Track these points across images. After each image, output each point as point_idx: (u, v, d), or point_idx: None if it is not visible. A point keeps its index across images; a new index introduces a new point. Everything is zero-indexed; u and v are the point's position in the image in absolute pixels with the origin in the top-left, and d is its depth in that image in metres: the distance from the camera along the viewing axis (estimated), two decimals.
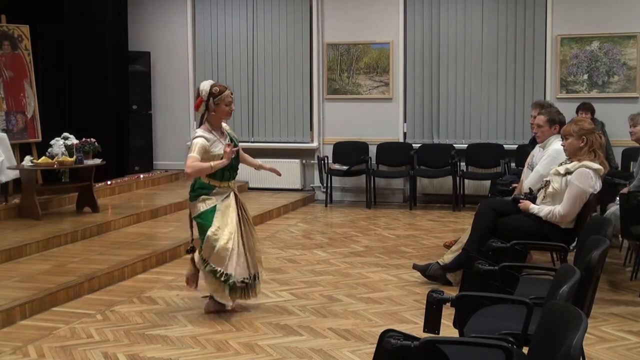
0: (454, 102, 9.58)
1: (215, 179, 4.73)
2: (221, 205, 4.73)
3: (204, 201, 4.71)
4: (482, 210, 5.33)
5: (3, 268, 5.78)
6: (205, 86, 4.75)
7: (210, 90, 4.71)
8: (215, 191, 4.74)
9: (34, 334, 4.50)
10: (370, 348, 3.89)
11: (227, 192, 4.79)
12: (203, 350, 4.23)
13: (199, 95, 4.74)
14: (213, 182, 4.73)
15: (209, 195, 4.72)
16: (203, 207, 4.71)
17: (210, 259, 4.68)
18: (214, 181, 4.73)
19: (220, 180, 4.75)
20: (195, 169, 4.57)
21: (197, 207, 4.73)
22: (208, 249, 4.68)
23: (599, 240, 3.30)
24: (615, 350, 4.15)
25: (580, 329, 2.11)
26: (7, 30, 8.13)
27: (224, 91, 4.74)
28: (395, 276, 5.88)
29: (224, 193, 4.77)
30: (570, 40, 9.09)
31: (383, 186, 9.86)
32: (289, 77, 10.17)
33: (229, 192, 4.81)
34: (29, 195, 7.30)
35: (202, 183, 4.74)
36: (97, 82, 9.48)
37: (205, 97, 4.70)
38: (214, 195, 4.74)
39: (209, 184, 4.73)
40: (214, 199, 4.72)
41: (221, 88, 4.75)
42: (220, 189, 4.76)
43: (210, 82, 4.78)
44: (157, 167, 10.60)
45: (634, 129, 6.21)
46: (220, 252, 4.66)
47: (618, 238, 6.25)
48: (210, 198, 4.72)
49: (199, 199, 4.73)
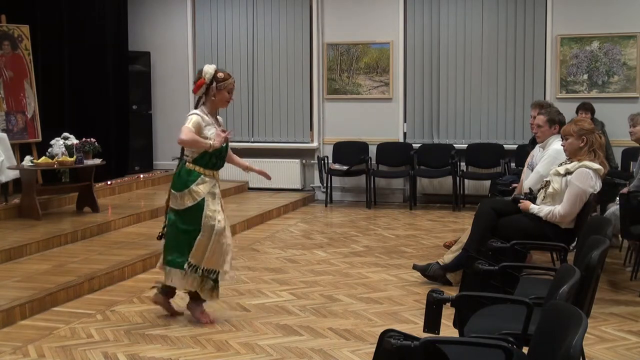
0: (454, 102, 9.58)
1: (202, 166, 4.57)
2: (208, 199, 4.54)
3: (191, 194, 4.53)
4: (482, 210, 5.33)
5: (3, 268, 5.78)
6: (209, 69, 4.62)
7: (214, 74, 4.59)
8: (201, 179, 4.55)
9: (34, 334, 4.49)
10: (370, 348, 3.88)
11: (212, 182, 4.62)
12: (203, 350, 4.23)
13: (201, 77, 4.61)
14: (199, 169, 4.56)
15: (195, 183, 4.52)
16: (190, 202, 4.53)
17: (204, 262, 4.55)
18: (200, 168, 4.56)
19: (209, 168, 4.59)
20: (193, 138, 4.43)
21: (184, 200, 4.54)
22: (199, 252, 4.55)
23: (599, 240, 3.30)
24: (615, 350, 4.15)
25: (580, 329, 2.11)
26: (7, 30, 8.13)
27: (228, 78, 4.64)
28: (395, 276, 5.88)
29: (209, 182, 4.59)
30: (570, 40, 9.09)
31: (383, 186, 9.86)
32: (289, 77, 10.17)
33: (214, 183, 4.64)
34: (29, 195, 7.29)
35: (188, 170, 4.57)
36: (97, 82, 9.48)
37: (208, 80, 4.58)
38: (200, 184, 4.54)
39: (195, 170, 4.56)
40: (200, 191, 4.53)
41: (225, 75, 4.64)
42: (206, 177, 4.57)
43: (214, 66, 4.66)
44: (157, 167, 10.59)
45: (634, 129, 6.21)
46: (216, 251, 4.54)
47: (618, 238, 6.26)
48: (197, 191, 4.52)
49: (185, 190, 4.54)
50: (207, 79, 4.59)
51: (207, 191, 4.57)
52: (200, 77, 4.63)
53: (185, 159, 4.64)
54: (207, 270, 4.60)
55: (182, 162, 4.65)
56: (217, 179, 4.68)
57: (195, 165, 4.58)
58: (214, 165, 4.64)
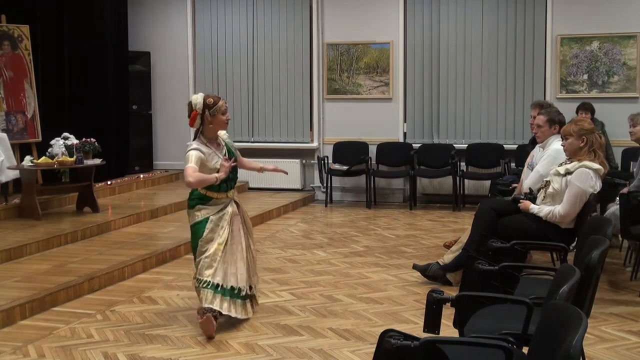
0: (454, 102, 9.58)
1: (212, 190, 4.61)
2: (215, 217, 4.60)
3: (199, 210, 4.60)
4: (482, 210, 5.33)
5: (3, 268, 5.78)
6: (198, 99, 4.62)
7: (204, 102, 4.59)
8: (212, 202, 4.62)
9: (34, 334, 4.50)
10: (370, 348, 3.89)
11: (224, 203, 4.66)
12: (203, 350, 4.23)
13: (193, 109, 4.60)
14: (210, 193, 4.61)
15: (205, 205, 4.61)
16: (198, 217, 4.60)
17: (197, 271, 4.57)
18: (210, 192, 4.61)
19: (218, 191, 4.63)
20: (198, 178, 4.42)
21: (194, 215, 4.63)
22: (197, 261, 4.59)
23: (599, 240, 3.30)
24: (615, 350, 4.15)
25: (580, 329, 2.11)
26: (7, 30, 8.13)
27: (218, 101, 4.62)
28: (395, 276, 5.88)
29: (221, 204, 4.65)
30: (570, 40, 9.09)
31: (383, 186, 9.86)
32: (289, 77, 10.17)
33: (228, 202, 4.68)
34: (29, 195, 7.30)
35: (199, 194, 4.62)
36: (97, 82, 9.48)
37: (200, 109, 4.58)
38: (211, 205, 4.61)
39: (206, 195, 4.61)
40: (209, 209, 4.60)
41: (215, 98, 4.64)
42: (217, 200, 4.63)
43: (202, 95, 4.67)
44: (157, 167, 10.59)
45: (634, 129, 6.21)
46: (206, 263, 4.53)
47: (618, 238, 6.25)
48: (207, 208, 4.60)
49: (195, 207, 4.62)
50: (199, 108, 4.59)
51: (217, 210, 4.60)
52: (192, 109, 4.63)
53: None
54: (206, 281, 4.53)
55: None
56: (232, 198, 4.70)
57: (206, 190, 4.60)
58: (220, 188, 4.64)
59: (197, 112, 4.60)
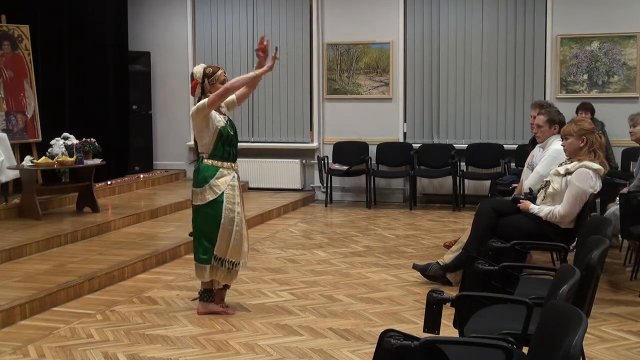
0: (454, 102, 9.58)
1: (219, 159, 4.70)
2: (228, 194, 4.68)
3: (211, 188, 4.66)
4: (482, 210, 5.33)
5: (3, 268, 5.78)
6: (198, 68, 4.80)
7: (203, 71, 4.75)
8: (219, 173, 4.68)
9: (34, 334, 4.50)
10: (370, 348, 3.89)
11: (231, 175, 4.74)
12: (203, 350, 4.23)
13: (193, 78, 4.78)
14: (217, 163, 4.69)
15: (214, 177, 4.66)
16: (211, 196, 4.66)
17: (228, 254, 4.71)
18: (217, 162, 4.69)
19: (225, 160, 4.71)
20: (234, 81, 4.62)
21: (205, 195, 4.67)
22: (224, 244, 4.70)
23: (599, 240, 3.30)
24: (615, 350, 4.15)
25: (580, 329, 2.11)
26: (7, 30, 8.13)
27: (217, 71, 4.78)
28: (395, 276, 5.88)
29: (228, 175, 4.72)
30: (570, 40, 9.09)
31: (383, 186, 9.86)
32: (289, 77, 10.17)
33: (233, 174, 4.76)
34: (29, 195, 7.30)
35: (207, 166, 4.69)
36: (97, 82, 9.48)
37: (200, 79, 4.74)
38: (219, 177, 4.67)
39: (213, 165, 4.68)
40: (220, 184, 4.66)
41: (214, 68, 4.80)
42: (224, 170, 4.70)
43: (202, 65, 4.83)
44: (157, 167, 10.59)
45: (634, 129, 6.21)
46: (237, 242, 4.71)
47: (618, 238, 6.26)
48: (218, 185, 4.66)
49: (205, 185, 4.66)
50: (199, 77, 4.77)
51: (227, 184, 4.70)
52: (193, 78, 4.81)
53: (201, 156, 4.79)
54: (231, 262, 4.74)
55: (200, 159, 4.80)
56: (236, 171, 4.80)
57: (212, 160, 4.72)
58: (229, 156, 4.75)
59: (197, 81, 4.77)
